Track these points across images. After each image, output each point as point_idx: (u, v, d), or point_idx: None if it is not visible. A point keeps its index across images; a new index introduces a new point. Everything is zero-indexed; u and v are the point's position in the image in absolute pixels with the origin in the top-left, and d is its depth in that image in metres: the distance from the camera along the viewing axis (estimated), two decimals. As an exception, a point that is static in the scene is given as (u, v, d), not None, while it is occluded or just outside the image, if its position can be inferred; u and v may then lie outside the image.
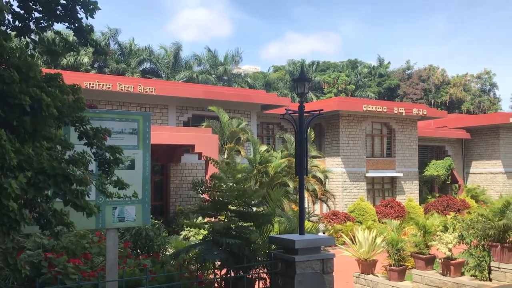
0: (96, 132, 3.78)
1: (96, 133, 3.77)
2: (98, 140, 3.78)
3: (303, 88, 6.21)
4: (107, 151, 3.85)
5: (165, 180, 19.46)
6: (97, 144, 3.79)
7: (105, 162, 3.86)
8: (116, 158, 3.88)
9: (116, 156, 3.88)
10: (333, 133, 26.63)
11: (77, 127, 3.75)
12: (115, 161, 3.88)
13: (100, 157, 3.85)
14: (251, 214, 6.17)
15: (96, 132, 3.78)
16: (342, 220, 22.16)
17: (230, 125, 19.65)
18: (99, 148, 3.82)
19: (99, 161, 3.86)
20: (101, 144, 3.82)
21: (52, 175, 3.03)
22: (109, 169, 3.87)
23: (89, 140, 3.77)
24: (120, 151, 3.90)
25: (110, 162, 3.87)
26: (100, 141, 3.80)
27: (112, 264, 4.89)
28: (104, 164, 3.86)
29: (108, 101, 19.72)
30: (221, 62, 42.88)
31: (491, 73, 57.40)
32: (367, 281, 12.00)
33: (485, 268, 10.52)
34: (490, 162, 33.55)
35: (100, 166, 3.87)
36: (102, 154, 3.85)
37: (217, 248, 5.43)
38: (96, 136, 3.77)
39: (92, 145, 3.79)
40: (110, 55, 34.82)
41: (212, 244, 5.57)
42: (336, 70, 53.76)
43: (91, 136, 3.75)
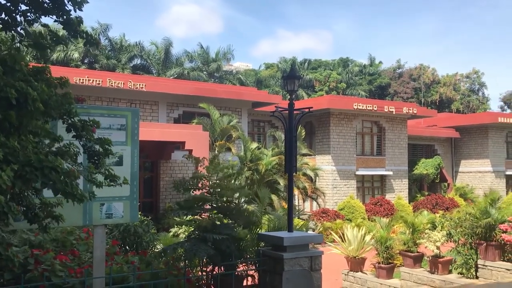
0: (84, 124, 3.74)
1: (84, 125, 3.74)
2: (86, 132, 3.74)
3: (293, 85, 6.21)
4: (96, 143, 3.82)
5: (155, 177, 19.38)
6: (86, 136, 3.76)
7: (94, 154, 3.83)
8: (106, 150, 3.86)
9: (106, 147, 3.85)
10: (323, 131, 26.68)
11: (65, 119, 3.71)
12: (104, 153, 3.85)
13: (89, 149, 3.82)
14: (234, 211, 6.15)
15: (84, 124, 3.74)
16: (331, 218, 22.22)
17: (221, 122, 19.61)
18: (88, 141, 3.79)
19: (89, 154, 3.83)
20: (90, 136, 3.78)
21: (39, 168, 3.01)
22: (99, 161, 3.84)
23: (77, 132, 3.73)
24: (109, 142, 3.87)
25: (100, 154, 3.84)
26: (88, 133, 3.76)
27: (99, 261, 4.85)
28: (94, 156, 3.83)
29: (98, 97, 19.57)
30: (212, 59, 42.77)
31: (480, 72, 57.93)
32: (356, 278, 12.05)
33: (472, 266, 10.61)
34: (479, 161, 33.84)
35: (90, 158, 3.84)
36: (91, 146, 3.82)
37: (204, 244, 5.41)
38: (84, 128, 3.73)
39: (81, 137, 3.76)
40: (100, 45, 34.55)
41: (199, 241, 5.55)
42: (327, 68, 53.86)
43: (79, 128, 3.72)
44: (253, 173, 19.41)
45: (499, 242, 10.31)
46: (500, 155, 33.71)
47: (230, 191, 5.97)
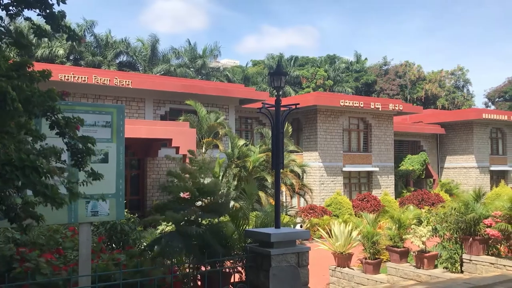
0: (68, 121, 3.68)
1: (68, 123, 3.67)
2: (70, 129, 3.68)
3: (279, 82, 6.21)
4: (79, 141, 3.76)
5: (141, 174, 19.28)
6: (69, 134, 3.69)
7: (77, 153, 3.76)
8: (89, 148, 3.80)
9: (88, 146, 3.79)
10: (310, 128, 26.77)
11: (48, 116, 3.64)
12: (87, 151, 3.79)
13: (72, 147, 3.75)
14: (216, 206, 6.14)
15: (67, 121, 3.68)
16: (319, 214, 22.34)
17: (208, 119, 19.55)
18: (71, 138, 3.72)
19: (72, 152, 3.75)
20: (73, 134, 3.72)
21: (20, 167, 2.95)
22: (82, 160, 3.78)
23: (60, 129, 3.66)
24: (93, 141, 3.82)
25: (83, 152, 3.78)
26: (72, 130, 3.70)
27: (85, 259, 4.81)
28: (77, 155, 3.76)
29: (84, 94, 19.39)
30: (199, 56, 42.59)
31: (465, 69, 58.60)
32: (343, 274, 12.13)
33: (457, 260, 10.73)
34: (464, 157, 34.26)
35: (72, 157, 3.77)
36: (75, 144, 3.76)
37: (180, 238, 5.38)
38: (68, 125, 3.66)
39: (64, 135, 3.69)
40: (83, 42, 34.15)
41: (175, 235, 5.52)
42: (314, 65, 54.01)
43: (63, 125, 3.65)
44: (241, 170, 19.42)
45: (483, 237, 10.44)
46: (484, 151, 34.16)
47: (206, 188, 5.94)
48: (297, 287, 5.49)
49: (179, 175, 5.96)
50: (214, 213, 6.07)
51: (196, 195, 5.94)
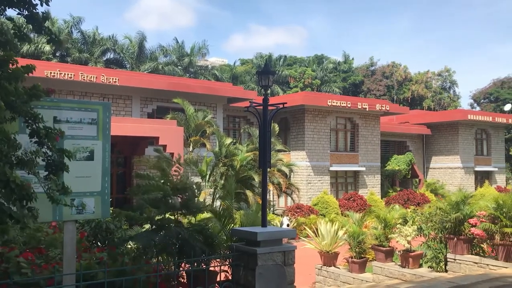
0: (48, 132, 3.57)
1: (48, 134, 3.56)
2: (49, 140, 3.59)
3: (267, 80, 6.21)
4: (57, 153, 3.66)
5: (128, 172, 19.15)
6: (48, 145, 3.60)
7: (52, 165, 3.67)
8: (63, 164, 3.68)
9: (62, 161, 3.67)
10: (298, 127, 26.84)
11: (29, 124, 3.55)
12: (61, 166, 3.68)
13: (48, 158, 3.65)
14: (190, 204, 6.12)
15: (48, 132, 3.57)
16: (306, 213, 22.41)
17: (195, 118, 19.49)
18: (50, 149, 3.63)
19: (47, 163, 3.65)
20: (52, 146, 3.62)
21: None
22: (55, 173, 3.68)
23: (40, 139, 3.56)
24: (70, 155, 3.72)
25: (57, 167, 3.67)
26: (51, 141, 3.59)
27: (69, 257, 4.76)
28: (52, 166, 3.67)
29: (70, 91, 19.20)
30: (187, 54, 42.43)
31: (451, 70, 59.19)
32: (329, 273, 12.19)
33: (442, 259, 10.84)
34: (449, 157, 34.63)
35: (47, 168, 3.67)
36: (52, 155, 3.67)
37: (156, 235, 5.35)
38: (48, 136, 3.57)
39: (43, 145, 3.60)
40: (64, 46, 33.73)
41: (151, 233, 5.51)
42: (302, 65, 54.15)
43: (43, 135, 3.56)
44: (228, 169, 19.37)
45: (468, 236, 10.57)
46: (469, 151, 34.57)
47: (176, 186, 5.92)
48: (283, 286, 5.49)
49: (147, 176, 5.95)
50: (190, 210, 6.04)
51: (169, 193, 5.91)
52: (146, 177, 5.93)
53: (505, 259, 9.86)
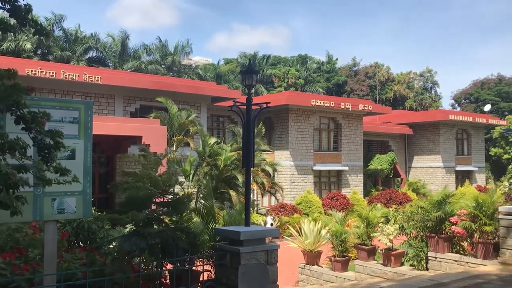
0: (34, 116, 3.59)
1: (34, 117, 3.58)
2: (36, 124, 3.59)
3: (251, 80, 6.22)
4: (46, 136, 3.67)
5: (110, 172, 18.97)
6: (36, 129, 3.60)
7: (45, 148, 3.67)
8: (57, 142, 3.71)
9: (57, 140, 3.70)
10: (282, 127, 26.92)
11: (13, 111, 3.54)
12: (55, 146, 3.70)
13: (39, 142, 3.66)
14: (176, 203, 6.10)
15: (34, 116, 3.58)
16: (289, 212, 22.48)
17: (179, 117, 19.40)
18: (38, 133, 3.63)
19: (39, 147, 3.66)
20: (40, 129, 3.63)
21: None
22: (49, 155, 3.69)
23: (26, 124, 3.57)
24: (60, 134, 3.73)
25: (51, 147, 3.68)
26: (38, 125, 3.61)
27: (50, 258, 4.70)
28: (44, 150, 3.67)
29: (52, 89, 18.95)
30: (170, 53, 42.19)
31: (433, 71, 59.98)
32: (312, 272, 12.26)
33: (423, 258, 10.99)
34: (431, 157, 35.08)
35: (40, 152, 3.68)
36: (42, 139, 3.66)
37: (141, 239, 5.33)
38: (34, 120, 3.57)
39: (30, 130, 3.60)
40: (51, 37, 33.32)
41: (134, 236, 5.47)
42: (286, 64, 54.30)
43: (29, 120, 3.56)
44: (212, 169, 19.33)
45: (448, 235, 10.73)
46: (450, 151, 35.07)
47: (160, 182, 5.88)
48: (266, 285, 5.51)
49: (134, 173, 5.90)
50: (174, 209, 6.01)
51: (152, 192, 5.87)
52: (134, 175, 5.88)
53: (484, 256, 10.04)
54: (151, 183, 5.80)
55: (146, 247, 5.28)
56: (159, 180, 5.85)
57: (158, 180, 5.84)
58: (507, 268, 9.38)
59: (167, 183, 5.96)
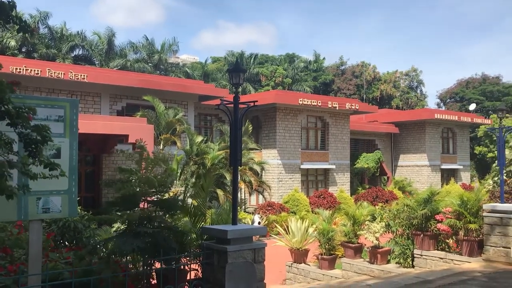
0: (19, 111, 3.54)
1: (19, 112, 3.53)
2: (22, 119, 3.54)
3: (238, 78, 6.21)
4: (33, 131, 3.62)
5: (97, 171, 18.80)
6: (22, 124, 3.55)
7: (32, 142, 3.62)
8: (44, 137, 3.66)
9: (43, 134, 3.66)
10: (270, 126, 26.95)
11: None
12: (43, 140, 3.66)
13: (25, 137, 3.61)
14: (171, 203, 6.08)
15: (19, 111, 3.54)
16: (277, 211, 22.53)
17: (166, 116, 19.31)
18: (24, 128, 3.58)
19: (25, 142, 3.61)
20: (26, 124, 3.58)
21: None
22: (36, 149, 3.64)
23: (12, 119, 3.52)
24: (47, 129, 3.69)
25: (38, 141, 3.64)
26: (24, 120, 3.56)
27: (35, 258, 4.65)
28: (31, 145, 3.62)
29: (37, 88, 18.73)
30: (157, 51, 41.95)
31: (418, 70, 60.48)
32: (299, 270, 12.30)
33: (409, 255, 11.10)
34: (416, 155, 35.41)
35: (26, 147, 3.63)
36: (28, 134, 3.62)
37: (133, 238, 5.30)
38: (19, 115, 3.53)
39: (16, 125, 3.55)
40: (36, 34, 32.92)
41: (128, 235, 5.44)
42: (274, 63, 54.34)
43: (14, 115, 3.51)
44: (199, 167, 19.30)
45: (434, 233, 10.85)
46: (436, 150, 35.44)
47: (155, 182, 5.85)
48: (253, 283, 5.52)
49: (131, 171, 5.86)
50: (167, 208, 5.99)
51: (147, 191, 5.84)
52: (129, 172, 5.84)
53: (469, 254, 10.18)
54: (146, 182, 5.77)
55: (142, 246, 5.26)
56: (154, 180, 5.81)
57: (154, 180, 5.80)
58: (491, 265, 9.52)
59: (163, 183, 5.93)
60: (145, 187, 5.79)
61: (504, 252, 9.60)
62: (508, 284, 7.82)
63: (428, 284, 7.87)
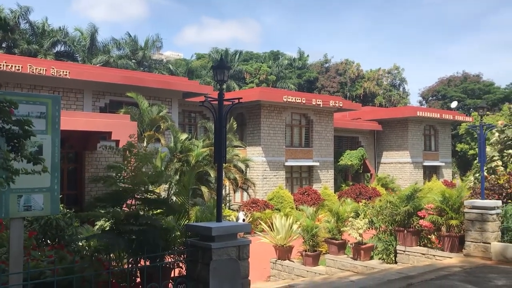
0: (0, 105, 3.47)
1: (0, 107, 3.46)
2: (3, 113, 3.47)
3: (222, 75, 6.19)
4: (15, 125, 3.55)
5: (79, 168, 18.59)
6: (3, 118, 3.48)
7: (14, 137, 3.55)
8: (26, 131, 3.59)
9: (26, 128, 3.59)
10: (254, 123, 26.96)
11: None
12: (25, 135, 3.59)
13: (7, 132, 3.53)
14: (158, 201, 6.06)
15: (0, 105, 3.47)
16: (261, 208, 22.57)
17: (150, 112, 19.16)
18: (5, 122, 3.50)
19: (7, 137, 3.53)
20: (7, 118, 3.50)
21: None
22: (19, 144, 3.57)
23: None
24: (29, 123, 3.62)
25: (20, 136, 3.57)
26: (5, 114, 3.49)
27: (16, 256, 4.59)
28: (13, 139, 3.55)
29: (18, 84, 18.43)
30: (141, 47, 41.60)
31: (400, 68, 61.07)
32: (283, 266, 12.35)
33: (392, 251, 11.23)
34: (399, 152, 35.77)
35: (8, 142, 3.55)
36: (10, 129, 3.54)
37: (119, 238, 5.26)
38: (0, 109, 3.46)
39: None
40: (16, 29, 32.37)
41: (114, 234, 5.40)
42: (258, 60, 54.35)
43: None
44: (183, 165, 19.21)
45: (416, 229, 11.00)
46: (418, 147, 35.84)
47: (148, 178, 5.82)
48: (237, 280, 5.53)
49: (121, 167, 5.82)
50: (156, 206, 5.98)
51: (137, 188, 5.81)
52: (119, 168, 5.79)
53: (451, 249, 10.34)
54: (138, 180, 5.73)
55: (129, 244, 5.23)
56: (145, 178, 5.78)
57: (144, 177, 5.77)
58: (471, 260, 9.69)
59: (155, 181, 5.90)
60: (135, 184, 5.75)
61: (483, 247, 9.77)
62: (487, 279, 7.97)
63: (410, 279, 7.98)
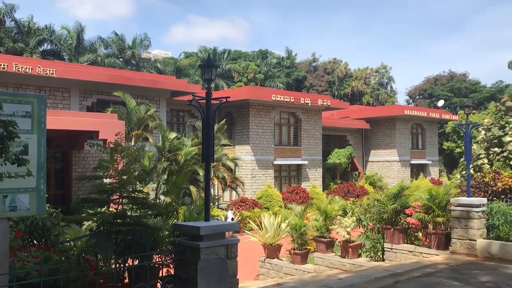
0: None
1: None
2: None
3: (210, 74, 6.18)
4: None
5: (66, 167, 18.44)
6: None
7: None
8: (10, 132, 3.56)
9: (10, 130, 3.55)
10: (243, 122, 26.95)
11: None
12: (9, 136, 3.55)
13: None
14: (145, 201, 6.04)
15: None
16: (250, 207, 22.58)
17: (137, 111, 19.05)
18: None
19: None
20: None
21: None
22: (3, 145, 3.54)
23: None
24: (14, 124, 3.58)
25: (4, 137, 3.53)
26: None
27: (2, 257, 4.54)
28: None
29: (3, 83, 18.21)
30: (129, 46, 41.33)
31: (388, 67, 61.50)
32: (272, 265, 12.38)
33: (379, 249, 11.31)
34: (387, 151, 36.03)
35: None
36: None
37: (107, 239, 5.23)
38: None
39: None
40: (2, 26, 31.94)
41: (103, 235, 5.37)
42: (247, 59, 54.32)
43: None
44: (172, 164, 19.14)
45: (403, 226, 11.08)
46: (405, 145, 36.13)
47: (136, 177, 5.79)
48: (225, 279, 5.52)
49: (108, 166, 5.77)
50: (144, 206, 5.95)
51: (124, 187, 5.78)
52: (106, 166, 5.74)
53: (437, 247, 10.43)
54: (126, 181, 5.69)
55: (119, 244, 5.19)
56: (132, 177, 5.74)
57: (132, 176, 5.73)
58: (457, 257, 9.80)
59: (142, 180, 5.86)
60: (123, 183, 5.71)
61: (469, 244, 9.89)
62: (472, 275, 8.06)
63: (397, 276, 8.05)
